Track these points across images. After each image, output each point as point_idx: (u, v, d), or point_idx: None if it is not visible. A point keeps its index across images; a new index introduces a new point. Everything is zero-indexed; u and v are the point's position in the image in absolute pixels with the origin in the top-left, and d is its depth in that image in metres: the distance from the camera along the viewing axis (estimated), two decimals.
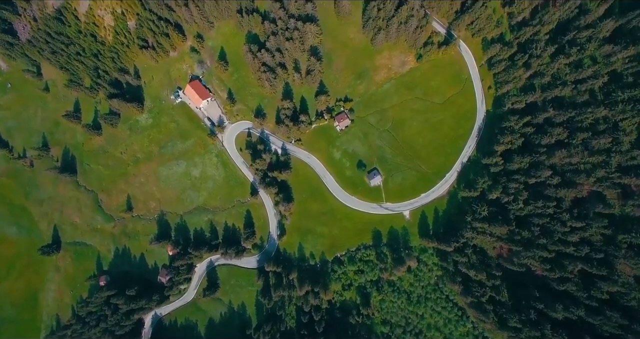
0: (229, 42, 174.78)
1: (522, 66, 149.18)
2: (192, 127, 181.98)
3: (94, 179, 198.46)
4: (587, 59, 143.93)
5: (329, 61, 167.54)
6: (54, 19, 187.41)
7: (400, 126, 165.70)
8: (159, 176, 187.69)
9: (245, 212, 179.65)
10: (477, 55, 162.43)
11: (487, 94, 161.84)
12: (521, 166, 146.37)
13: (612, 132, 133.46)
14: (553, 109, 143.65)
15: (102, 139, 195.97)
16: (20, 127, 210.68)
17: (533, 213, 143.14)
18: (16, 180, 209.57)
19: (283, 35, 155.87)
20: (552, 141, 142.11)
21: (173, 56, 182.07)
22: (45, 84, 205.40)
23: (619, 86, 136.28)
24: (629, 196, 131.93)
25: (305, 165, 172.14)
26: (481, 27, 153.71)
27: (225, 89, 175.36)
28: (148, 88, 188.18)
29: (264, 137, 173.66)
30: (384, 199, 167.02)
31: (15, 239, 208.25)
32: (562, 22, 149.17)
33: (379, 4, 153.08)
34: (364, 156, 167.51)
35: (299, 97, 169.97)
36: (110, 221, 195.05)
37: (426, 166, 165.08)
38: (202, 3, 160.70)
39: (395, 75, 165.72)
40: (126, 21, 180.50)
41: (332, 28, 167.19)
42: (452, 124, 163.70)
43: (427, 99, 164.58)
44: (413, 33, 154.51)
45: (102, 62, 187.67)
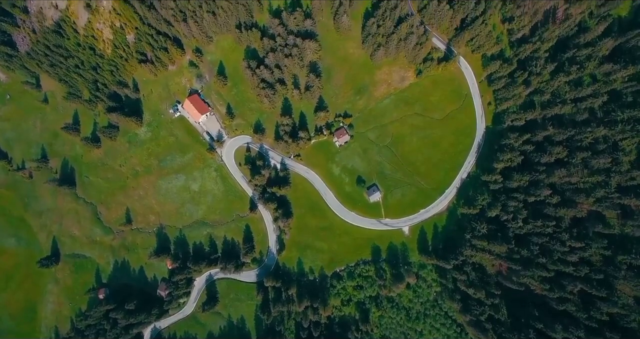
0: (227, 57, 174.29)
1: (522, 84, 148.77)
2: (191, 141, 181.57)
3: (93, 191, 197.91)
4: (587, 77, 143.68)
5: (328, 76, 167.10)
6: (52, 32, 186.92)
7: (400, 142, 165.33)
8: (158, 189, 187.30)
9: (245, 226, 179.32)
10: (477, 71, 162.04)
11: (487, 110, 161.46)
12: (520, 184, 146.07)
13: (611, 152, 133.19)
14: (553, 128, 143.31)
15: (101, 151, 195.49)
16: (19, 139, 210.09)
17: (532, 232, 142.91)
18: (15, 191, 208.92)
19: (282, 51, 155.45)
20: (552, 160, 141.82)
21: (172, 70, 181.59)
22: (44, 95, 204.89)
23: (618, 105, 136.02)
24: (628, 216, 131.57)
25: (305, 180, 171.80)
26: (481, 44, 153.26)
27: (224, 103, 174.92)
28: (147, 101, 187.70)
29: (263, 152, 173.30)
30: (383, 214, 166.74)
31: (14, 250, 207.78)
32: (561, 39, 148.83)
33: (379, 21, 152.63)
34: (364, 171, 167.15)
35: (298, 113, 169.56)
36: (110, 233, 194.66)
37: (425, 182, 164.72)
38: (200, 19, 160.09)
39: (395, 90, 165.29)
40: (125, 35, 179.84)
41: (332, 43, 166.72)
42: (452, 140, 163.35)
43: (426, 114, 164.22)
44: (413, 49, 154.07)
45: (101, 75, 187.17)
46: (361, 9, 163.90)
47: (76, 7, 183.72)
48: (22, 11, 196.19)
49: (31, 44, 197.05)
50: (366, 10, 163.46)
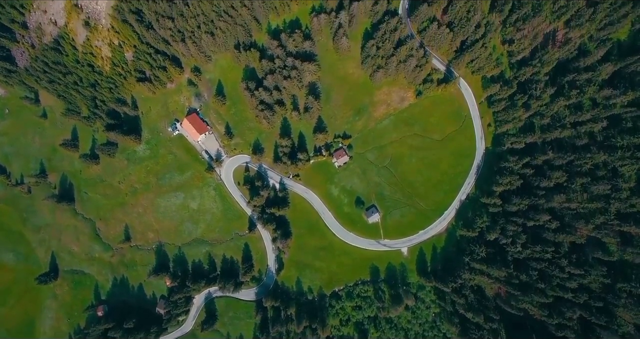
0: (226, 76, 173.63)
1: (522, 107, 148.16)
2: (189, 160, 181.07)
3: (91, 207, 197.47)
4: (587, 101, 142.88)
5: (328, 97, 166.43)
6: (51, 49, 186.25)
7: (399, 163, 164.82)
8: (156, 207, 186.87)
9: (244, 245, 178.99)
10: (477, 92, 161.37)
11: (487, 131, 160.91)
12: (520, 208, 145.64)
13: (611, 179, 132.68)
14: (552, 152, 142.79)
15: (99, 168, 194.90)
16: (18, 153, 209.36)
17: (531, 257, 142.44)
18: (13, 206, 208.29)
19: (281, 73, 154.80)
20: (551, 185, 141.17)
21: (170, 88, 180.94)
22: (43, 110, 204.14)
23: (618, 131, 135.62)
24: (628, 243, 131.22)
25: (304, 200, 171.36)
26: (481, 66, 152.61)
27: (222, 122, 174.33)
28: (145, 119, 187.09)
29: (261, 172, 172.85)
30: (382, 235, 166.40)
31: (13, 265, 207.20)
32: (562, 61, 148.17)
33: (378, 43, 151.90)
34: (362, 192, 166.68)
35: (297, 133, 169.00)
36: (108, 250, 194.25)
37: (424, 203, 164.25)
38: (199, 39, 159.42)
39: (395, 111, 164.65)
40: (123, 53, 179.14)
41: (331, 63, 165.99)
42: (451, 161, 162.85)
43: (426, 135, 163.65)
44: (412, 71, 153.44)
45: (100, 93, 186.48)
46: (360, 29, 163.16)
47: (75, 24, 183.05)
48: (21, 26, 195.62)
49: (30, 60, 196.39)
50: (365, 30, 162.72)
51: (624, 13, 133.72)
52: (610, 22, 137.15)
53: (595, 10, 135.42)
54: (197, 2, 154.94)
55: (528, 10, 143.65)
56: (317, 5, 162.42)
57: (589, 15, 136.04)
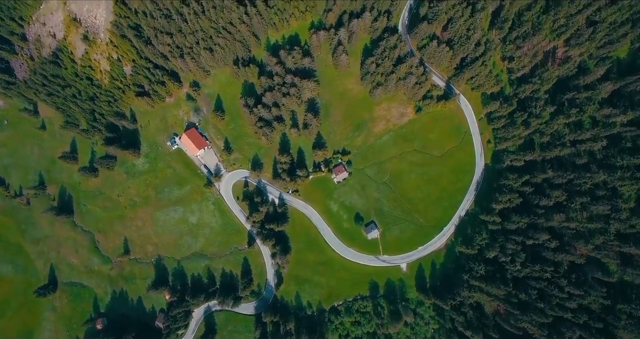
0: (225, 91, 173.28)
1: (522, 124, 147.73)
2: (188, 174, 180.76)
3: (90, 220, 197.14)
4: (587, 119, 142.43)
5: (327, 112, 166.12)
6: (50, 63, 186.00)
7: (398, 179, 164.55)
8: (155, 220, 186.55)
9: (243, 259, 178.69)
10: (477, 109, 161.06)
11: (486, 147, 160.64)
12: (519, 226, 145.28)
13: (610, 199, 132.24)
14: (552, 171, 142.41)
15: (98, 180, 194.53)
16: (17, 165, 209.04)
17: (531, 276, 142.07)
18: (12, 218, 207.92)
19: (280, 90, 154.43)
20: (551, 203, 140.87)
21: (169, 102, 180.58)
22: (42, 122, 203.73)
23: (618, 150, 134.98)
24: (628, 263, 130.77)
25: (303, 215, 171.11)
26: (481, 83, 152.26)
27: (221, 137, 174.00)
28: (144, 132, 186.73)
29: (261, 187, 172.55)
30: (381, 251, 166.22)
31: (11, 277, 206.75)
32: (562, 78, 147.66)
33: (377, 60, 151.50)
34: (362, 208, 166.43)
35: (296, 148, 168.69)
36: (107, 263, 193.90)
37: (424, 219, 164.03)
38: (197, 55, 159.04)
39: (394, 127, 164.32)
40: (122, 67, 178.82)
41: (330, 79, 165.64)
42: (451, 177, 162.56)
43: (425, 151, 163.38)
44: (412, 88, 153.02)
45: (98, 106, 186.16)
46: (360, 45, 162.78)
47: (73, 37, 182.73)
48: (20, 39, 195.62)
49: (29, 72, 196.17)
50: (365, 46, 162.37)
51: (624, 33, 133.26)
52: (610, 41, 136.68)
53: (594, 29, 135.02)
54: (195, 18, 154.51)
55: (528, 29, 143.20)
56: (316, 21, 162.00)
57: (589, 34, 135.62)
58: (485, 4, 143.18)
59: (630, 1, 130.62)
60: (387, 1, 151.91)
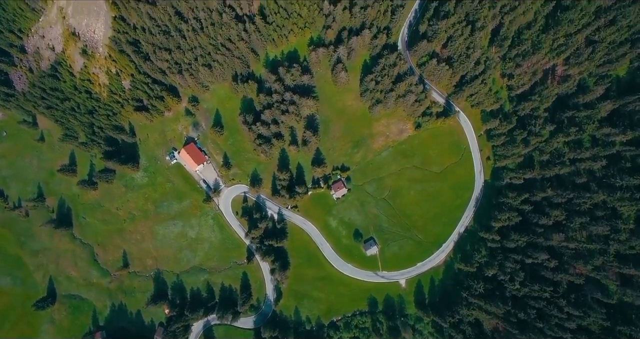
0: (224, 106, 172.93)
1: (521, 142, 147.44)
2: (187, 189, 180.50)
3: (89, 232, 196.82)
4: (587, 137, 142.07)
5: (326, 128, 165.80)
6: (49, 76, 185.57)
7: (398, 195, 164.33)
8: (155, 234, 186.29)
9: (242, 274, 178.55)
10: (476, 125, 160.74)
11: (486, 164, 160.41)
12: (518, 244, 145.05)
13: (610, 219, 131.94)
14: (551, 190, 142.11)
15: (97, 193, 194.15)
16: (16, 176, 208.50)
17: (530, 295, 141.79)
18: (11, 230, 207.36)
19: (279, 108, 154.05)
20: (550, 223, 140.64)
21: (168, 116, 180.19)
22: (41, 133, 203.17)
23: (617, 170, 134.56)
24: (628, 284, 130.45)
25: (302, 231, 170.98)
26: (480, 101, 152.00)
27: (220, 152, 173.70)
28: (143, 146, 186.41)
29: (260, 202, 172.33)
30: (380, 267, 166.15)
31: (9, 289, 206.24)
32: (561, 96, 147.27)
33: (377, 77, 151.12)
34: (361, 224, 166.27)
35: (295, 164, 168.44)
36: (107, 276, 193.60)
37: (423, 236, 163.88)
38: (196, 71, 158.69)
39: (393, 143, 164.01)
40: (121, 81, 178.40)
41: (329, 95, 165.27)
42: (450, 193, 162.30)
43: (425, 168, 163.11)
44: (411, 105, 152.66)
45: (97, 119, 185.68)
46: (359, 61, 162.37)
47: (72, 51, 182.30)
48: (19, 51, 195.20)
49: (28, 84, 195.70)
50: (364, 62, 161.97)
51: (623, 52, 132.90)
52: (609, 60, 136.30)
53: (594, 49, 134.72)
54: (194, 35, 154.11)
55: (527, 47, 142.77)
56: (316, 37, 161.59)
57: (588, 54, 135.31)
58: (485, 23, 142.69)
59: (628, 22, 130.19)
60: (387, 18, 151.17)
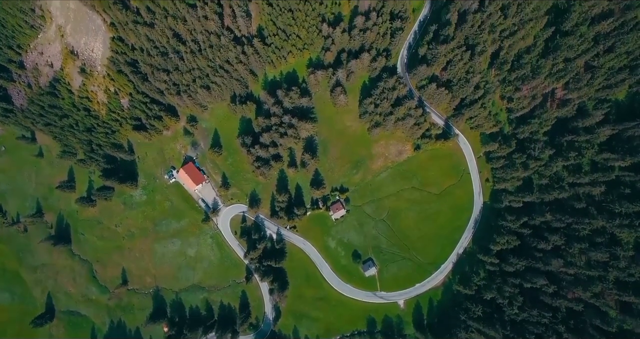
0: (222, 126, 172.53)
1: (520, 166, 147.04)
2: (186, 208, 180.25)
3: (88, 249, 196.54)
4: (586, 161, 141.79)
5: (325, 149, 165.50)
6: (47, 94, 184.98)
7: (396, 216, 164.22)
8: (154, 252, 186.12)
9: (241, 292, 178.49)
10: (476, 147, 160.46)
11: (485, 186, 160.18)
12: (517, 268, 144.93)
13: (609, 246, 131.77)
14: (550, 214, 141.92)
15: (96, 210, 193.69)
16: (14, 192, 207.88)
17: (528, 320, 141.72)
18: (9, 245, 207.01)
19: (277, 131, 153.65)
20: (549, 247, 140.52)
21: (167, 135, 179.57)
22: (39, 149, 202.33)
23: (617, 196, 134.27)
24: (628, 312, 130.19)
25: (301, 251, 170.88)
26: (480, 124, 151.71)
27: (219, 172, 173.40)
28: (142, 164, 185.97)
29: (258, 222, 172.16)
30: (379, 288, 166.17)
31: (8, 305, 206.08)
32: (561, 119, 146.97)
33: (376, 100, 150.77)
34: (359, 245, 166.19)
35: (294, 185, 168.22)
36: (105, 292, 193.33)
37: (422, 256, 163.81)
38: (194, 92, 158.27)
39: (392, 164, 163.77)
40: (119, 99, 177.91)
41: (328, 116, 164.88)
42: (449, 215, 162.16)
43: (423, 189, 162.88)
44: (411, 128, 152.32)
45: (95, 137, 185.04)
46: (358, 82, 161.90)
47: (71, 69, 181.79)
48: (18, 66, 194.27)
49: (27, 100, 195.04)
50: (364, 83, 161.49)
51: (622, 78, 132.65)
52: (608, 85, 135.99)
53: (593, 75, 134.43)
54: (192, 57, 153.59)
55: (527, 71, 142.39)
56: (315, 58, 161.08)
57: (587, 80, 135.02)
58: (484, 47, 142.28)
59: (627, 48, 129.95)
60: (386, 40, 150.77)
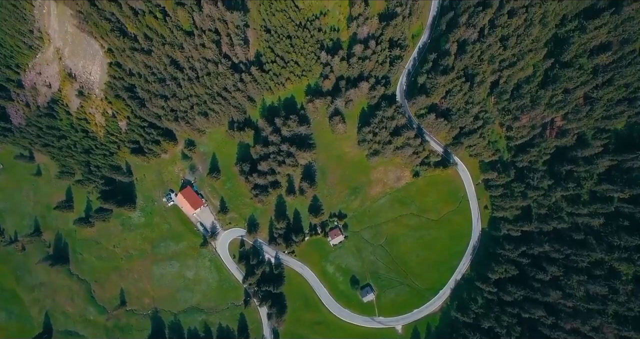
0: (220, 150, 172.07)
1: (519, 196, 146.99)
2: (185, 231, 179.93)
3: (86, 269, 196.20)
4: (585, 191, 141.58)
5: (323, 175, 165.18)
6: (45, 116, 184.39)
7: (395, 242, 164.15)
8: (152, 274, 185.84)
9: (239, 315, 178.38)
10: (474, 173, 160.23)
11: (483, 213, 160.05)
12: (515, 298, 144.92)
13: (608, 279, 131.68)
14: (549, 245, 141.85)
15: (94, 230, 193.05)
16: (12, 210, 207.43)
17: None
18: (7, 264, 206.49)
19: (275, 159, 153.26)
20: (547, 278, 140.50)
21: (165, 157, 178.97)
22: (38, 167, 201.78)
23: (615, 228, 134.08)
24: None
25: (299, 275, 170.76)
26: (479, 152, 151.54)
27: (217, 196, 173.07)
28: (140, 186, 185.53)
29: (257, 246, 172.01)
30: (377, 313, 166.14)
31: (5, 324, 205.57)
32: (560, 148, 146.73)
33: (374, 129, 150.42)
34: (358, 271, 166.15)
35: (292, 210, 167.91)
36: (104, 313, 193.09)
37: (420, 282, 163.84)
38: (192, 119, 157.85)
39: (391, 190, 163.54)
40: (117, 122, 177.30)
41: (327, 142, 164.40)
42: (447, 241, 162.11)
43: (422, 215, 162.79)
44: (409, 156, 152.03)
45: (94, 158, 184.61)
46: (357, 108, 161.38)
47: (68, 91, 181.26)
48: (16, 85, 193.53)
49: (25, 119, 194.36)
50: (362, 110, 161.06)
51: (621, 110, 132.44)
52: (607, 116, 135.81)
53: (592, 107, 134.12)
54: (189, 84, 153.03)
55: (526, 102, 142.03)
56: (313, 84, 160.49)
57: (587, 111, 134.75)
58: (484, 77, 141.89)
59: (625, 81, 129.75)
60: (385, 68, 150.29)
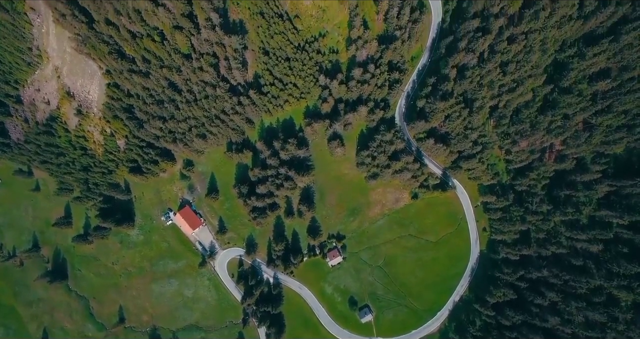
0: (219, 170, 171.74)
1: (518, 220, 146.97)
2: (183, 250, 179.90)
3: (85, 285, 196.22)
4: (584, 217, 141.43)
5: (322, 196, 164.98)
6: (43, 133, 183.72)
7: (393, 263, 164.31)
8: (151, 291, 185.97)
9: (238, 334, 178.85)
10: (473, 196, 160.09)
11: (482, 235, 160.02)
12: (513, 322, 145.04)
13: (607, 306, 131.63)
14: (547, 270, 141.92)
15: (93, 247, 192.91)
16: (10, 225, 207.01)
17: None
18: (5, 279, 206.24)
19: (274, 183, 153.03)
20: (546, 303, 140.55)
21: (163, 177, 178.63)
22: (36, 182, 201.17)
23: (614, 255, 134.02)
24: None
25: (298, 295, 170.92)
26: (477, 176, 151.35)
27: (216, 216, 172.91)
28: (139, 204, 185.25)
29: (255, 266, 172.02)
30: (375, 333, 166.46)
31: None
32: (559, 171, 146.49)
33: (373, 153, 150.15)
34: (356, 291, 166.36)
35: (290, 231, 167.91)
36: (102, 329, 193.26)
37: (418, 303, 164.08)
38: (190, 141, 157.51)
39: (389, 211, 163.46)
40: (115, 140, 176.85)
41: (326, 163, 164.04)
42: (445, 263, 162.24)
43: (420, 237, 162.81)
44: (408, 180, 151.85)
45: (92, 176, 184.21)
46: (356, 130, 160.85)
47: (67, 109, 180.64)
48: (15, 101, 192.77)
49: (23, 134, 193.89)
50: (361, 132, 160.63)
51: (620, 136, 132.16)
52: (606, 142, 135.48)
53: (591, 134, 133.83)
54: (187, 106, 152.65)
55: (526, 127, 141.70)
56: (312, 105, 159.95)
57: (586, 138, 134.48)
58: (483, 103, 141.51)
59: (624, 108, 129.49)
60: (384, 91, 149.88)
